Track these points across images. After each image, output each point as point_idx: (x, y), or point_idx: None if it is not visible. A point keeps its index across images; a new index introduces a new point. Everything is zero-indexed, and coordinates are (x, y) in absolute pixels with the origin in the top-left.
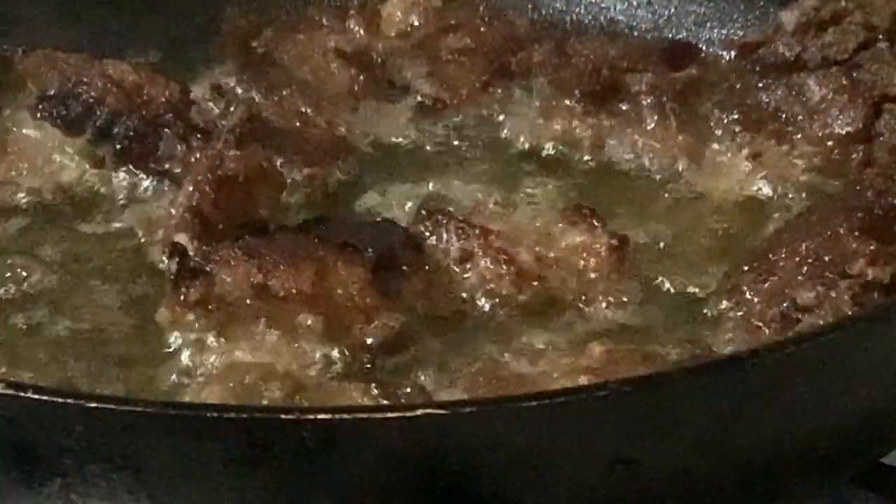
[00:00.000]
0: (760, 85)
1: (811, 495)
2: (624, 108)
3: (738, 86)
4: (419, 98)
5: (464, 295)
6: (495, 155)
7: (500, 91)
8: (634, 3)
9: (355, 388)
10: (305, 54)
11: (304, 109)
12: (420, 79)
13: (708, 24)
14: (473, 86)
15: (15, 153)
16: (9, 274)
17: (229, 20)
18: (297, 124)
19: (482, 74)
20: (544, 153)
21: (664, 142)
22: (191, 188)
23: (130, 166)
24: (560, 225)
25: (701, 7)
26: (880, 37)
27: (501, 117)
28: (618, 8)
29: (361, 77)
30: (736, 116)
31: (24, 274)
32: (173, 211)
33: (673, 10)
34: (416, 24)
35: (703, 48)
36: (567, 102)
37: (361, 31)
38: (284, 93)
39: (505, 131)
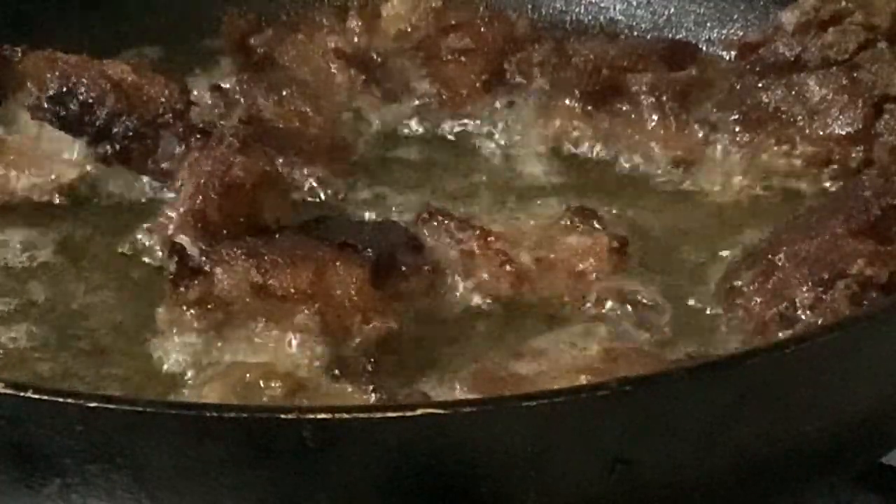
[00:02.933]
0: (760, 85)
1: (811, 496)
2: (624, 108)
3: (738, 86)
4: (419, 98)
5: (463, 295)
6: (495, 155)
7: (500, 91)
8: (634, 3)
9: (355, 387)
10: (305, 54)
11: (304, 109)
12: (420, 79)
13: (708, 24)
14: (473, 86)
15: (15, 153)
16: (8, 274)
17: (229, 20)
18: (297, 124)
19: (482, 74)
20: (544, 153)
21: (664, 142)
22: (194, 191)
23: (130, 166)
24: (560, 226)
25: (701, 7)
26: (880, 37)
27: (501, 117)
28: (618, 8)
29: (361, 77)
30: (736, 116)
31: (23, 274)
32: (173, 213)
33: (673, 10)
34: (416, 24)
35: (703, 48)
36: (567, 102)
37: (361, 32)
38: (284, 93)
39: (505, 131)
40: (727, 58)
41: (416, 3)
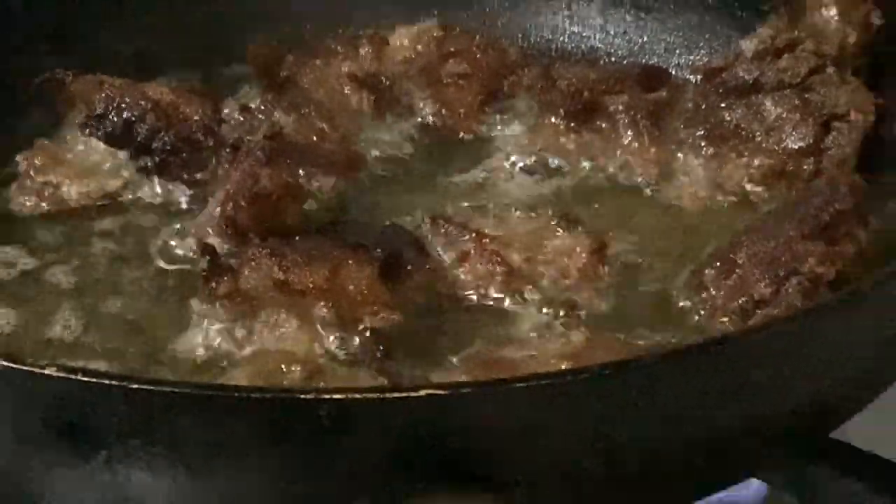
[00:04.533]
0: (723, 105)
1: (774, 467)
2: (603, 125)
3: (703, 105)
4: (422, 116)
5: (461, 291)
6: (490, 167)
7: (493, 110)
8: (612, 33)
9: (365, 371)
10: (322, 78)
11: (321, 126)
12: (423, 100)
13: (677, 51)
14: (470, 106)
15: (67, 165)
16: (58, 270)
17: (254, 48)
18: (315, 139)
19: (478, 96)
20: (533, 166)
21: (638, 155)
22: (225, 199)
23: (167, 177)
24: (547, 230)
25: (671, 36)
26: (829, 63)
27: (495, 134)
28: (597, 37)
29: (371, 98)
30: (701, 132)
31: (73, 270)
32: (206, 218)
33: (646, 38)
34: (420, 51)
35: (673, 72)
36: (553, 120)
37: (372, 58)
38: (304, 112)
39: (498, 146)
40: (694, 81)
41: (420, 33)
